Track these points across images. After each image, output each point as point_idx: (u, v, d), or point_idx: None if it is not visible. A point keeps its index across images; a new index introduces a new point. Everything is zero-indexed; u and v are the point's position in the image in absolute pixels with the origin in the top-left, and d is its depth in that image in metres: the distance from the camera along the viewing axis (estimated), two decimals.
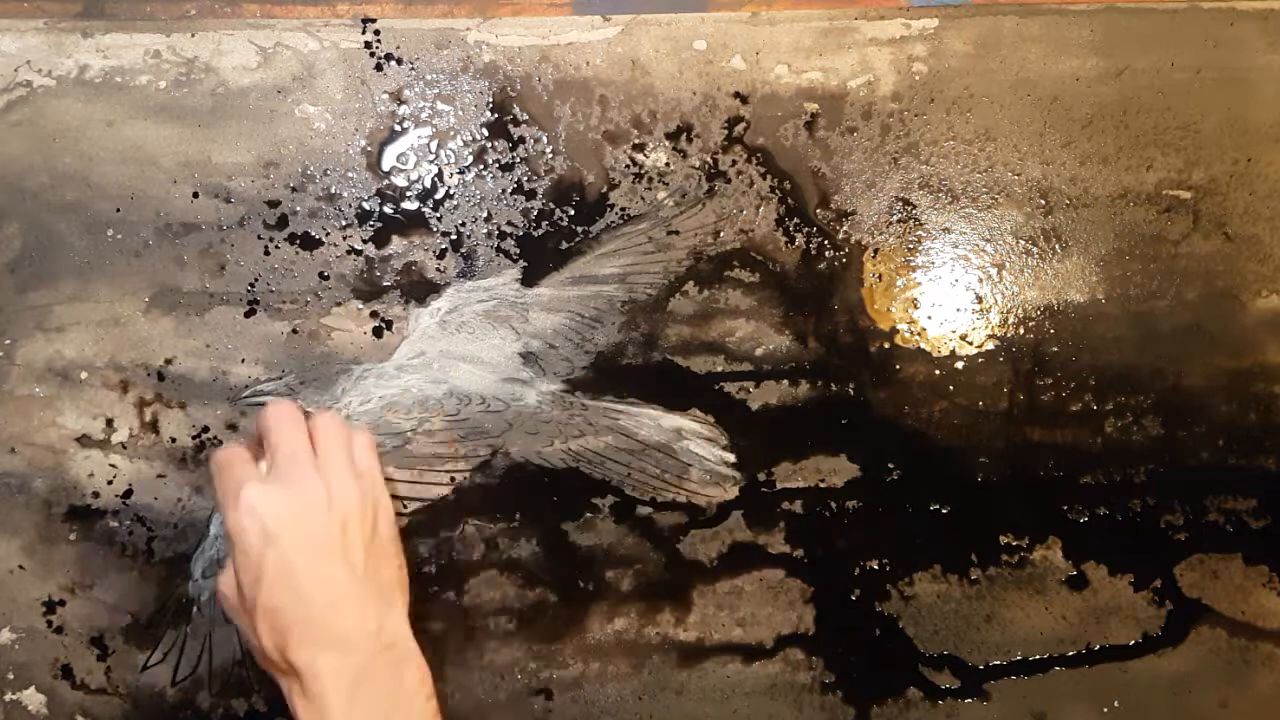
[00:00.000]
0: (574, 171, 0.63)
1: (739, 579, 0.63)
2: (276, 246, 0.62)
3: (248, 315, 0.62)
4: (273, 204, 0.62)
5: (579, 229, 0.63)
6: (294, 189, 0.62)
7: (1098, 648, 0.64)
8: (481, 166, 0.63)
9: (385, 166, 0.63)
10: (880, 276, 0.65)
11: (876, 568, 0.64)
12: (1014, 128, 0.66)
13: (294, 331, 0.62)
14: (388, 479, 0.61)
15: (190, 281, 0.62)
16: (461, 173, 0.63)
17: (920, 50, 0.65)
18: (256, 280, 0.62)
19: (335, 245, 0.62)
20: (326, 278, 0.62)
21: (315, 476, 0.49)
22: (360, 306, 0.62)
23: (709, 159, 0.64)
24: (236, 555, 0.48)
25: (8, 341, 0.61)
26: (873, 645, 0.64)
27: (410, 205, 0.63)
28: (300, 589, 0.47)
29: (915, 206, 0.65)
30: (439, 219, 0.63)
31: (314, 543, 0.48)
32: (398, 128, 0.63)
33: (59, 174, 0.61)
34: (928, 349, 0.65)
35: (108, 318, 0.61)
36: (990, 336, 0.65)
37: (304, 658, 0.46)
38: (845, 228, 0.65)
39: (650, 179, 0.64)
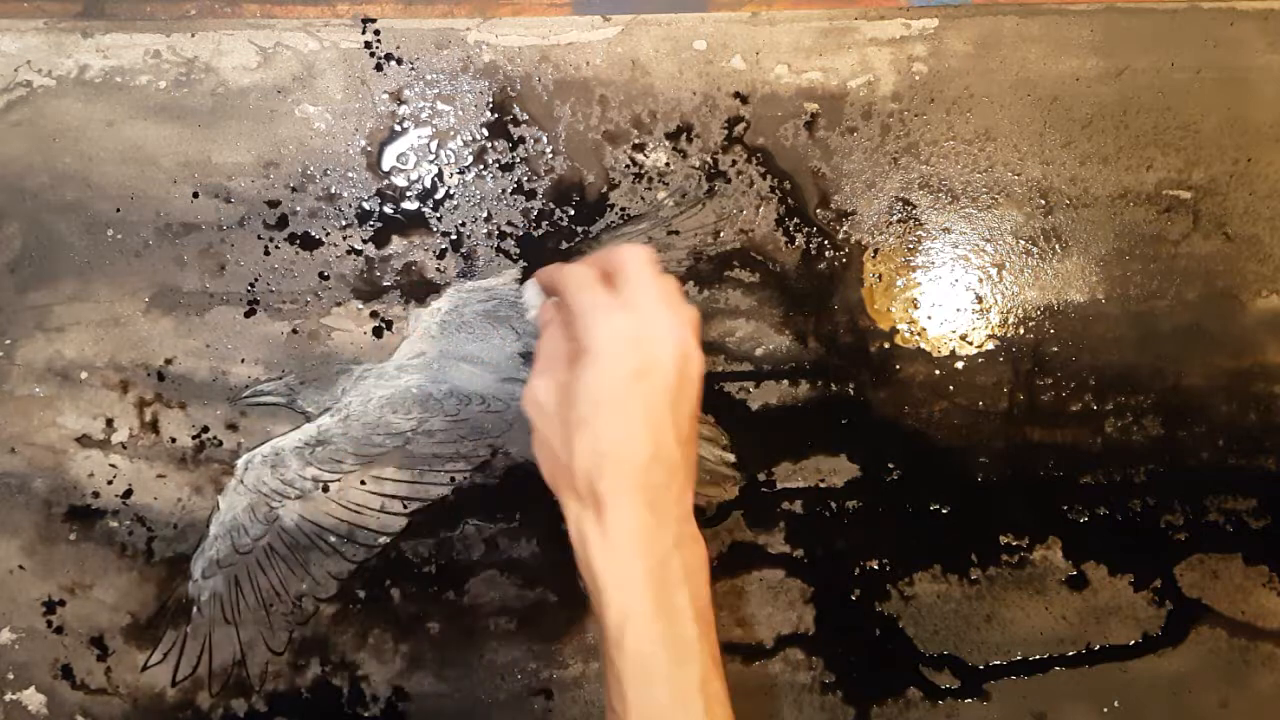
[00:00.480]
0: (574, 171, 0.63)
1: (739, 579, 0.63)
2: (276, 246, 0.62)
3: (248, 315, 0.62)
4: (273, 204, 0.62)
5: (579, 229, 0.63)
6: (294, 189, 0.62)
7: (1098, 648, 0.64)
8: (481, 166, 0.63)
9: (385, 166, 0.63)
10: (880, 276, 0.65)
11: (876, 568, 0.64)
12: (1014, 128, 0.66)
13: (294, 331, 0.62)
14: (386, 479, 0.62)
15: (190, 281, 0.62)
16: (461, 173, 0.63)
17: (920, 50, 0.65)
18: (256, 280, 0.62)
19: (335, 245, 0.62)
20: (326, 278, 0.62)
21: (683, 336, 0.48)
22: (360, 306, 0.62)
23: (709, 159, 0.64)
24: (588, 367, 0.47)
25: (8, 341, 0.61)
26: (873, 645, 0.64)
27: (410, 205, 0.63)
28: (638, 428, 0.47)
29: (915, 206, 0.65)
30: (439, 219, 0.63)
31: (664, 394, 0.47)
32: (398, 128, 0.63)
33: (59, 174, 0.61)
34: (928, 349, 0.65)
35: (108, 318, 0.61)
36: (990, 336, 0.65)
37: (616, 494, 0.46)
38: (845, 228, 0.65)
39: (650, 179, 0.64)
